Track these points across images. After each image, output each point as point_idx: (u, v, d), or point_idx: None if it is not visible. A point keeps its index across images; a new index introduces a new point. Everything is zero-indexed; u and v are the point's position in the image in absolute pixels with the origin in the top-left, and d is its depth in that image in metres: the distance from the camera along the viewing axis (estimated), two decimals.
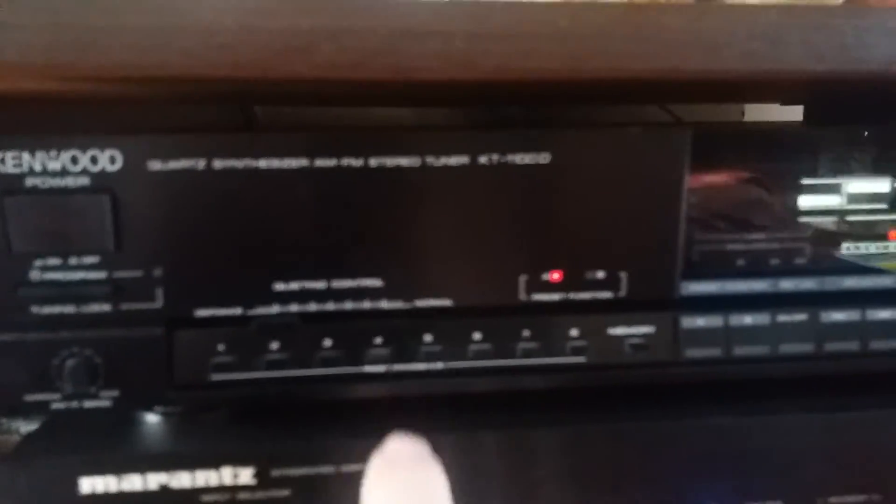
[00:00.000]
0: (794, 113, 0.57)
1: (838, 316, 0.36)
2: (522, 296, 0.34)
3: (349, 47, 0.27)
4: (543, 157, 0.33)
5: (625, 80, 0.28)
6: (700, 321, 0.35)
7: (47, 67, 0.26)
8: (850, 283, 0.36)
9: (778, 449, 0.36)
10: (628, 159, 0.34)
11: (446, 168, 0.33)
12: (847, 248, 0.36)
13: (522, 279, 0.34)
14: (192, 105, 0.49)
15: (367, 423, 0.35)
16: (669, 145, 0.34)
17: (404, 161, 0.32)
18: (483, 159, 0.33)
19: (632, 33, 0.28)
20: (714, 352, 0.35)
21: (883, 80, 0.29)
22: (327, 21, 0.27)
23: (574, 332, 0.35)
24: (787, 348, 0.36)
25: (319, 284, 0.33)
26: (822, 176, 0.35)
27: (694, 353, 0.35)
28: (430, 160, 0.33)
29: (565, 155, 0.33)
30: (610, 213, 0.34)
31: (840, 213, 0.36)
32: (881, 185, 0.36)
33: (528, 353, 0.35)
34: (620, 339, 0.35)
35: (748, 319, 0.35)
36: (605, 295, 0.35)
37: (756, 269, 0.35)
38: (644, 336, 0.35)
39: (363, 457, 0.34)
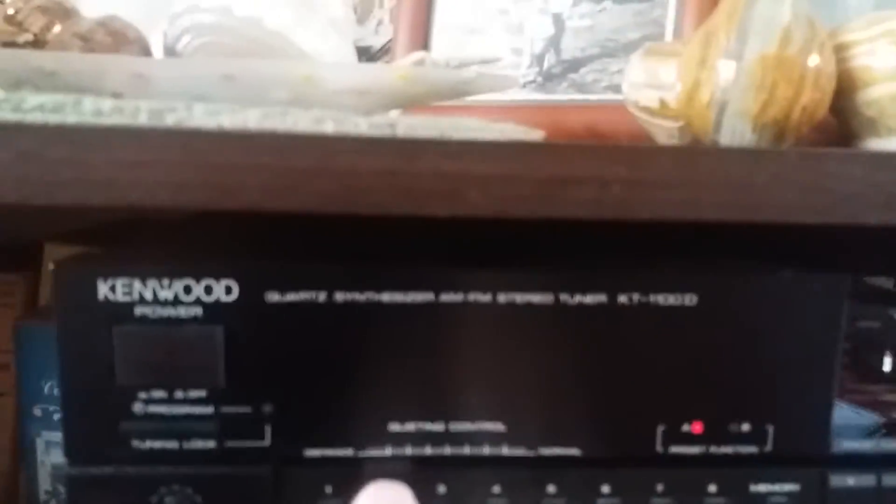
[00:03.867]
0: None
1: None
2: (659, 447, 0.31)
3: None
4: (690, 299, 0.30)
5: None
6: (850, 480, 0.32)
7: None
8: None
9: None
10: (781, 304, 0.30)
11: (581, 307, 0.30)
12: None
13: (660, 429, 0.31)
14: None
15: None
16: (825, 290, 0.30)
17: (536, 298, 0.30)
18: (623, 299, 0.30)
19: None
20: None
21: None
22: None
23: (712, 489, 0.32)
24: None
25: (437, 427, 0.31)
26: None
27: None
28: (565, 298, 0.30)
29: (713, 297, 0.30)
30: (759, 360, 0.31)
31: None
32: None
33: None
34: (762, 496, 0.32)
35: None
36: (750, 449, 0.31)
37: None
38: (788, 494, 0.32)
39: None
